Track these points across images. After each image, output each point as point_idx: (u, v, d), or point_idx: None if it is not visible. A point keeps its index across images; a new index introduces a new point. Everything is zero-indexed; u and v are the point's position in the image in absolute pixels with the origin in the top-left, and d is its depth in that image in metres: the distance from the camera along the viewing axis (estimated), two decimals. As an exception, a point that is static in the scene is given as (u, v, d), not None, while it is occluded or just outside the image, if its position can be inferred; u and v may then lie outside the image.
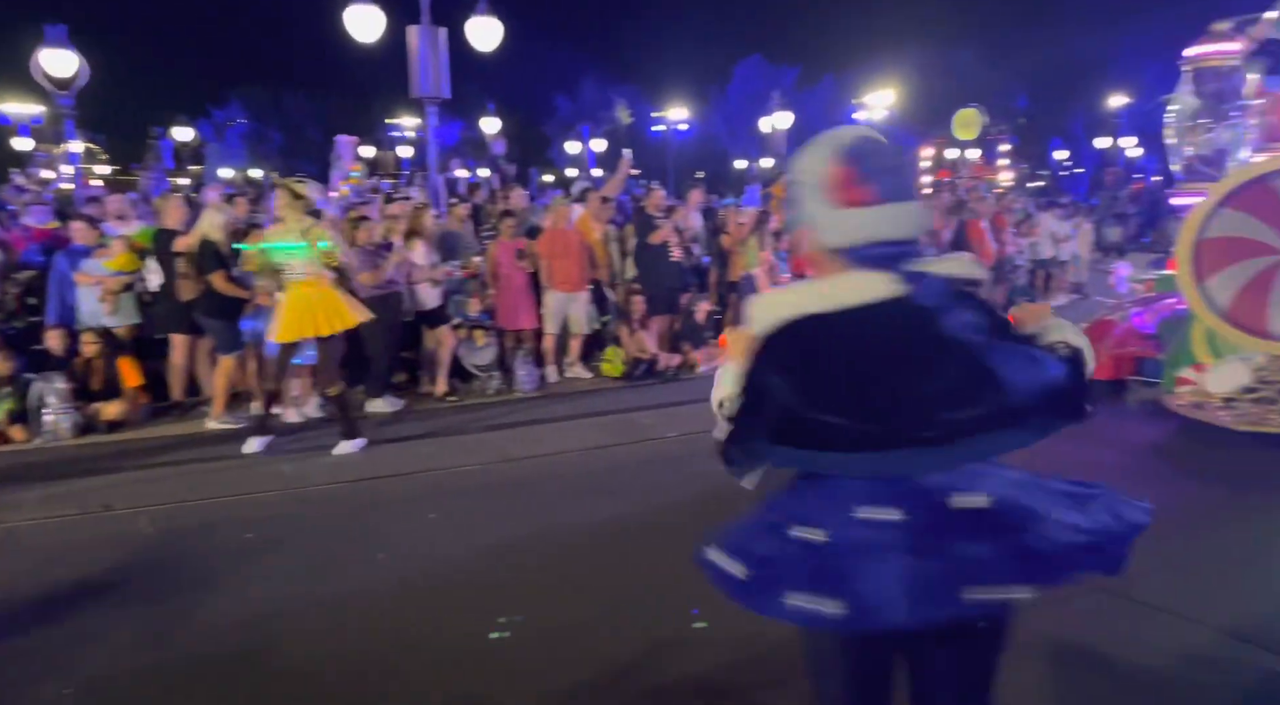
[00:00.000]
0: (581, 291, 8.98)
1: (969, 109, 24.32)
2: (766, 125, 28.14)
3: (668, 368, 9.26)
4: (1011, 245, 13.29)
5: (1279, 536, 4.51)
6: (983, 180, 17.80)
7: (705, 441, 6.98)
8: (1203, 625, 3.54)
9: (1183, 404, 6.54)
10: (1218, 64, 7.95)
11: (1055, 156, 47.17)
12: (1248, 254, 6.21)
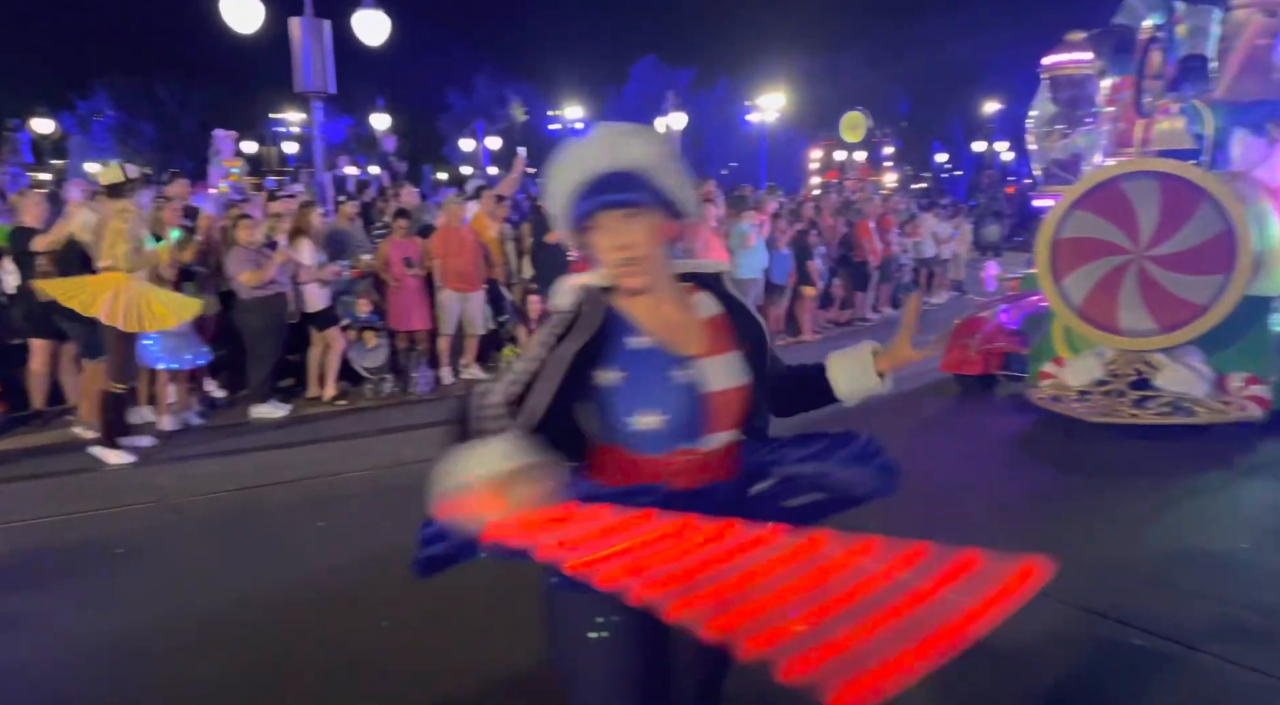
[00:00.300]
0: (477, 291, 8.83)
1: (854, 112, 25.15)
2: (662, 126, 28.37)
3: (566, 367, 9.21)
4: (897, 245, 13.79)
5: (1127, 519, 4.80)
6: (869, 182, 18.41)
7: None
8: (1063, 602, 3.73)
9: (1043, 397, 6.73)
10: (1072, 72, 8.26)
11: (936, 159, 49.26)
12: (1099, 254, 6.44)
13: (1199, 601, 3.71)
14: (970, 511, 5.02)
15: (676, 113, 26.88)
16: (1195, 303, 6.11)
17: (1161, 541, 4.45)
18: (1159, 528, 4.66)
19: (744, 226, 10.48)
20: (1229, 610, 3.62)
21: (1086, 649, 3.42)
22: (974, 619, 1.34)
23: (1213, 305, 6.02)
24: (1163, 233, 6.20)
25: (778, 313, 11.55)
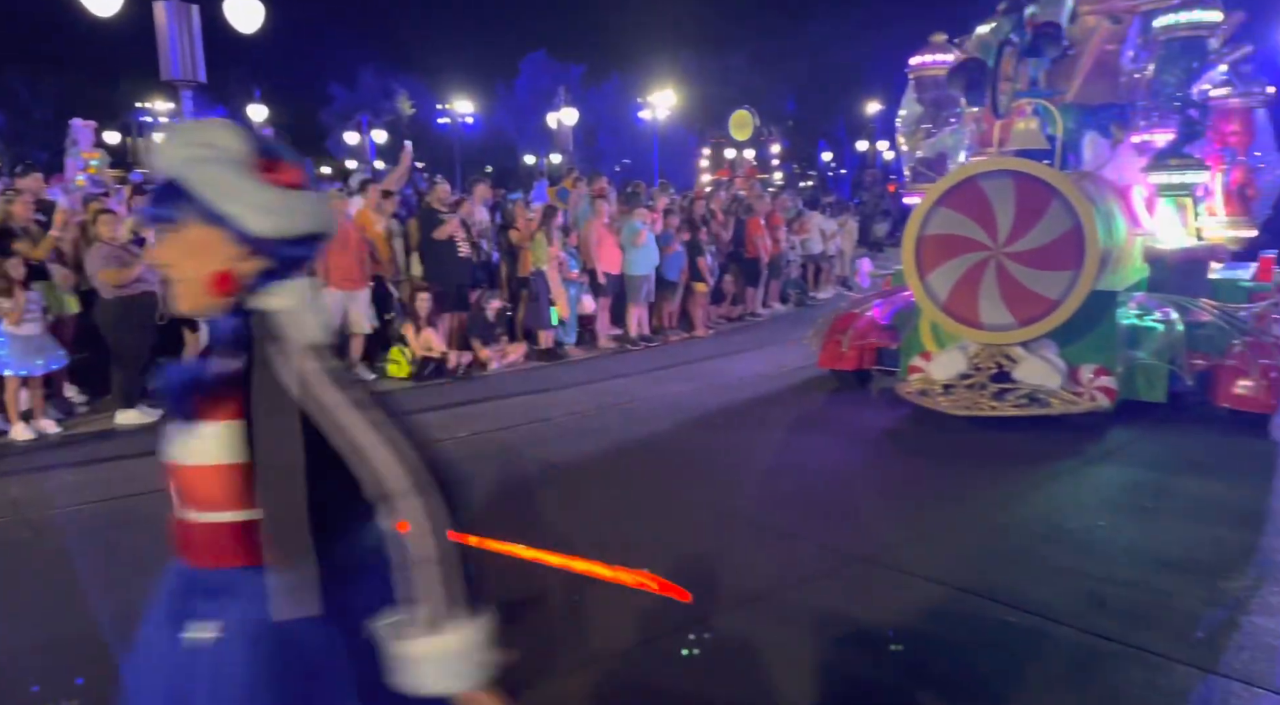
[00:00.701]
0: (361, 289, 8.56)
1: (742, 111, 25.60)
2: (553, 121, 28.21)
3: (458, 366, 9.03)
4: (785, 242, 14.11)
5: (992, 504, 5.03)
6: (757, 179, 18.77)
7: (498, 440, 6.97)
8: (937, 582, 3.90)
9: (910, 391, 6.84)
10: (936, 73, 8.45)
11: (822, 158, 50.71)
12: (961, 250, 6.56)
13: (1062, 577, 3.93)
14: (844, 501, 5.17)
15: (568, 108, 26.78)
16: (1049, 297, 6.28)
17: (1025, 523, 4.68)
18: (1022, 511, 4.90)
19: (636, 224, 10.52)
20: (1088, 584, 3.85)
21: (960, 625, 3.57)
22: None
23: (1064, 300, 6.21)
24: (1018, 230, 6.36)
25: (671, 309, 11.65)
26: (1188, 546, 4.24)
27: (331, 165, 40.91)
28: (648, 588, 2.20)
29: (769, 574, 4.05)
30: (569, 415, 7.35)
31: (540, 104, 45.17)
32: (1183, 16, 7.08)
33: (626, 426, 6.94)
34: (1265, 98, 8.00)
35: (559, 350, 10.11)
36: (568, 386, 8.57)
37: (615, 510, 5.04)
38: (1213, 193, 8.13)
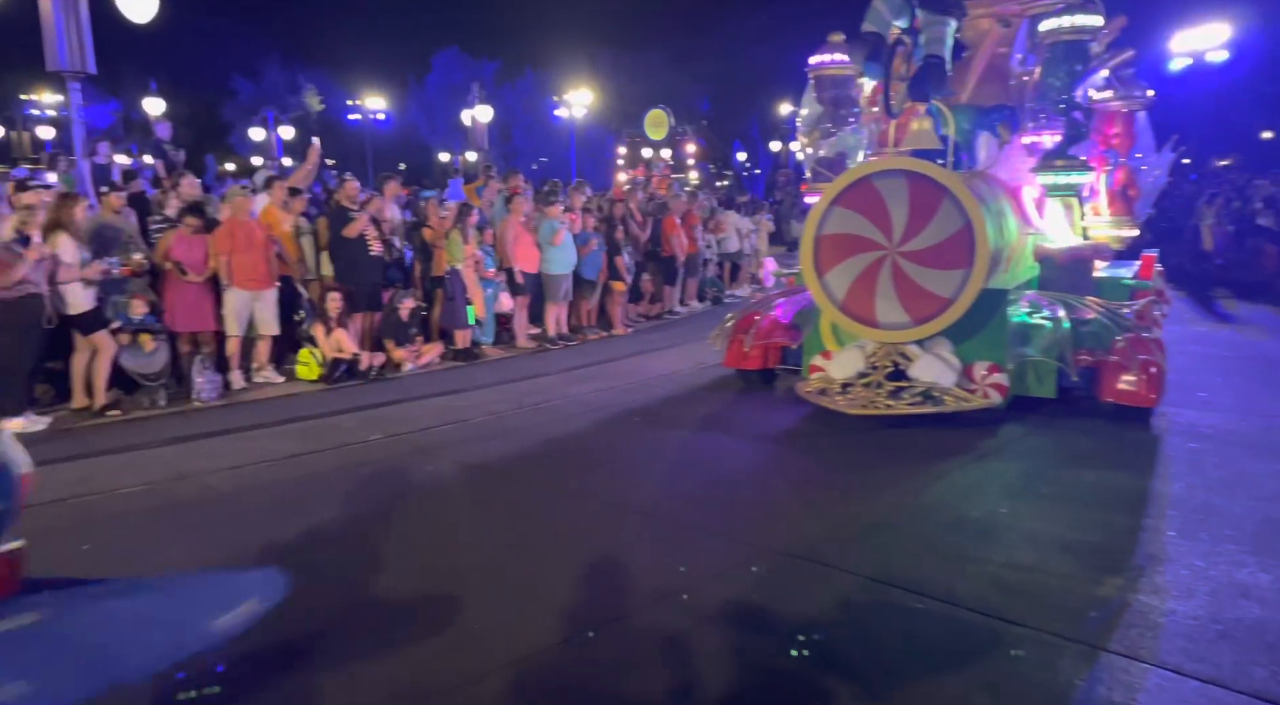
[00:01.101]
0: (268, 289, 8.28)
1: (658, 110, 25.69)
2: (468, 118, 27.78)
3: (370, 367, 8.83)
4: (702, 240, 14.24)
5: (896, 497, 5.17)
6: (673, 178, 18.90)
7: (413, 442, 6.84)
8: (849, 573, 4.00)
9: (810, 391, 6.82)
10: (834, 73, 8.44)
11: (738, 158, 51.33)
12: (857, 249, 6.56)
13: (967, 564, 4.07)
14: (755, 498, 5.24)
15: (483, 105, 26.40)
16: (942, 296, 6.32)
17: (929, 514, 4.82)
18: (926, 502, 5.03)
19: (554, 222, 10.46)
20: (990, 570, 4.00)
21: (871, 614, 3.66)
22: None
23: (957, 298, 6.25)
24: (912, 229, 6.39)
25: (589, 308, 11.63)
26: (1082, 531, 4.43)
27: (236, 162, 39.49)
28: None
29: (685, 570, 4.07)
30: (486, 416, 7.26)
31: (454, 101, 44.50)
32: (1065, 20, 7.20)
33: (544, 426, 6.90)
34: (1145, 101, 8.29)
35: (476, 350, 9.98)
36: (485, 386, 8.47)
37: (531, 510, 5.01)
38: (1098, 193, 8.38)
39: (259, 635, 3.52)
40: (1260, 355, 9.11)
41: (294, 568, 4.20)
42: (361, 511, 5.03)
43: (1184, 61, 28.38)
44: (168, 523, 4.96)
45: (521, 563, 4.27)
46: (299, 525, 4.79)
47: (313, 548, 4.50)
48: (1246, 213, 16.15)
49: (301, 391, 8.32)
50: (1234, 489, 5.03)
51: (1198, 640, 3.31)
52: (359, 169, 41.63)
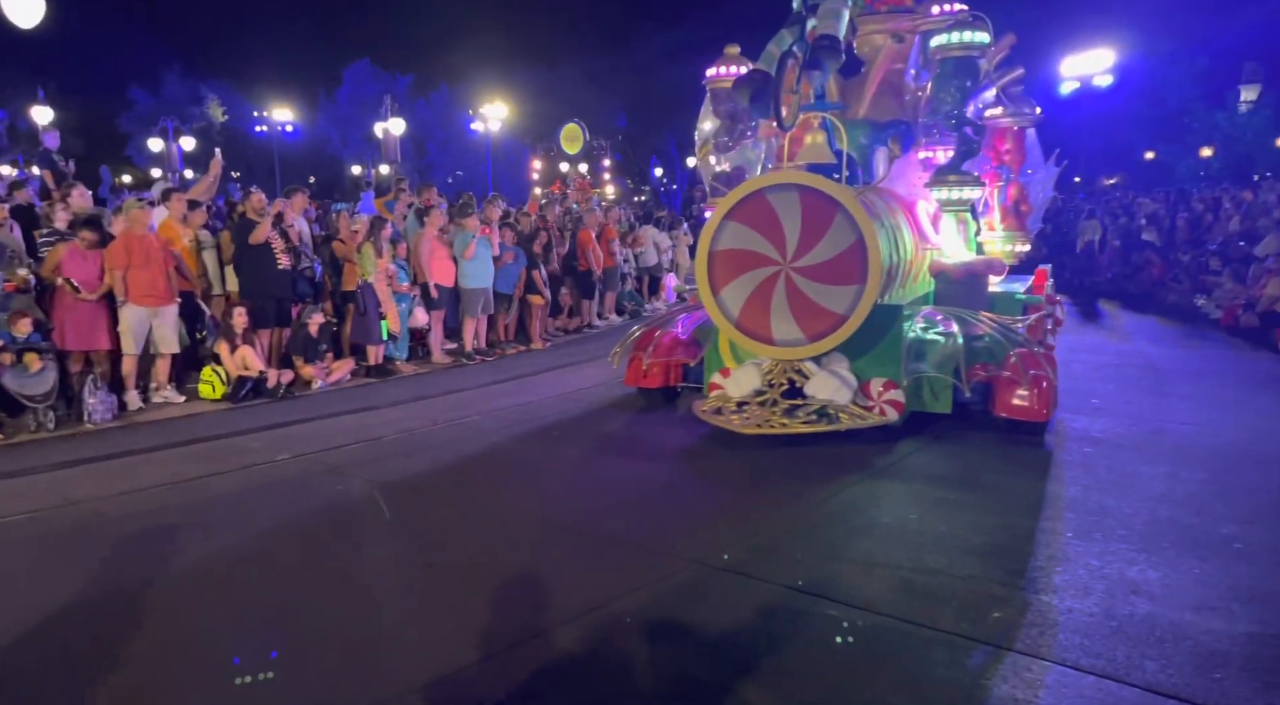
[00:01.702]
0: (168, 305, 7.95)
1: (572, 124, 25.73)
2: (380, 131, 27.31)
3: (278, 385, 8.55)
4: (619, 254, 14.29)
5: (809, 510, 5.29)
6: (589, 193, 18.93)
7: (324, 462, 6.63)
8: (767, 582, 4.05)
9: (706, 410, 6.63)
10: (729, 85, 8.09)
11: (655, 173, 51.79)
12: (751, 265, 6.43)
13: (876, 569, 4.17)
14: (663, 514, 5.22)
15: (395, 118, 26.00)
16: (836, 312, 6.22)
17: (837, 522, 4.93)
18: (836, 512, 5.16)
19: (468, 235, 10.35)
20: (901, 575, 4.10)
21: (788, 622, 3.70)
22: None
23: (851, 315, 6.17)
24: (805, 244, 6.29)
25: (507, 322, 11.53)
26: (985, 534, 4.59)
27: (133, 173, 37.86)
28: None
29: (603, 583, 4.06)
30: (400, 433, 7.11)
31: (366, 113, 43.70)
32: (954, 37, 7.25)
33: (460, 442, 6.79)
34: (1034, 118, 8.36)
35: (389, 366, 9.78)
36: (399, 403, 8.30)
37: (447, 528, 4.92)
38: (991, 208, 8.44)
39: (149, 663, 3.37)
40: (1146, 363, 9.62)
41: (191, 595, 4.03)
42: (267, 534, 4.85)
43: (1073, 85, 29.94)
44: (53, 553, 4.69)
45: (438, 581, 4.19)
46: (199, 551, 4.59)
47: (213, 573, 4.31)
48: (1132, 229, 17.09)
49: (204, 411, 8.00)
50: (1124, 491, 5.28)
51: (1093, 636, 3.46)
52: (266, 182, 40.46)
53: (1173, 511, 4.90)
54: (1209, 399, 7.79)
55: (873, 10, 8.57)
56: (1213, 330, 11.92)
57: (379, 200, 12.51)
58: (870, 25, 8.51)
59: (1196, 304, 13.41)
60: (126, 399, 7.80)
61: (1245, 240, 13.50)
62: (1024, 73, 8.11)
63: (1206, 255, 14.20)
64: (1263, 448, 6.19)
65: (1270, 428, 6.80)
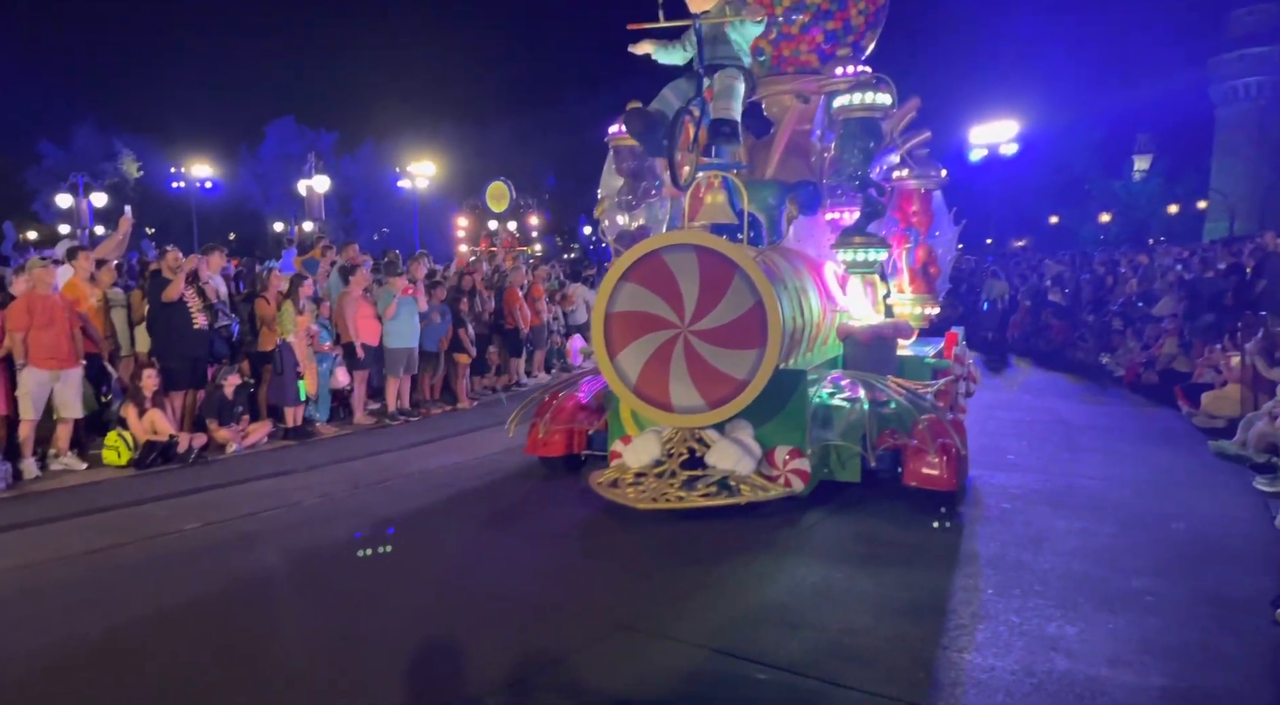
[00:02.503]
0: (71, 368, 7.60)
1: (498, 182, 25.84)
2: (304, 187, 27.00)
3: (190, 450, 8.20)
4: (547, 312, 14.28)
5: (731, 576, 5.25)
6: (516, 251, 18.98)
7: (236, 530, 6.33)
8: (700, 647, 4.00)
9: (602, 482, 6.29)
10: (632, 143, 7.69)
11: (584, 231, 52.29)
12: (649, 328, 6.16)
13: (800, 631, 4.16)
14: (593, 577, 5.15)
15: (320, 175, 25.78)
16: (736, 377, 5.96)
17: (750, 590, 4.86)
18: (745, 579, 5.10)
19: (391, 294, 10.22)
20: (824, 636, 4.10)
21: (714, 686, 3.65)
22: None
23: (751, 380, 5.92)
24: (703, 306, 6.05)
25: (433, 381, 11.35)
26: (909, 592, 4.64)
27: (40, 230, 36.55)
28: None
29: (524, 653, 3.95)
30: (319, 498, 6.88)
31: (289, 170, 43.27)
32: (856, 98, 7.17)
33: (380, 507, 6.59)
34: (940, 181, 8.34)
35: (309, 428, 9.49)
36: (317, 467, 8.04)
37: (364, 598, 4.73)
38: (900, 270, 8.36)
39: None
40: (1057, 419, 9.98)
41: (83, 680, 3.77)
42: (170, 610, 4.59)
43: (981, 152, 31.44)
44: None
45: (353, 654, 4.02)
46: (94, 628, 4.32)
47: (107, 655, 4.06)
48: (1041, 289, 17.87)
49: (107, 479, 7.61)
50: (1040, 546, 5.42)
51: (1015, 694, 3.50)
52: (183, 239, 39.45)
53: (1087, 566, 5.04)
54: (1116, 454, 8.10)
55: (780, 71, 8.68)
56: (1117, 387, 12.46)
57: (299, 258, 12.29)
58: (777, 86, 8.62)
59: (1101, 362, 14.01)
60: (22, 467, 7.37)
61: (1143, 301, 14.23)
62: (930, 136, 8.30)
63: (1109, 315, 14.92)
64: (1167, 501, 6.44)
65: (1172, 481, 7.10)
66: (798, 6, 8.27)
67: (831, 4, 8.22)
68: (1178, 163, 48.69)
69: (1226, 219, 42.40)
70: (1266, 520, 5.88)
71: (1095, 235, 49.53)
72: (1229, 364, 9.39)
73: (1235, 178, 48.17)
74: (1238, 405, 8.80)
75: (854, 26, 8.37)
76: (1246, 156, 48.57)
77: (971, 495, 6.61)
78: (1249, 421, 7.90)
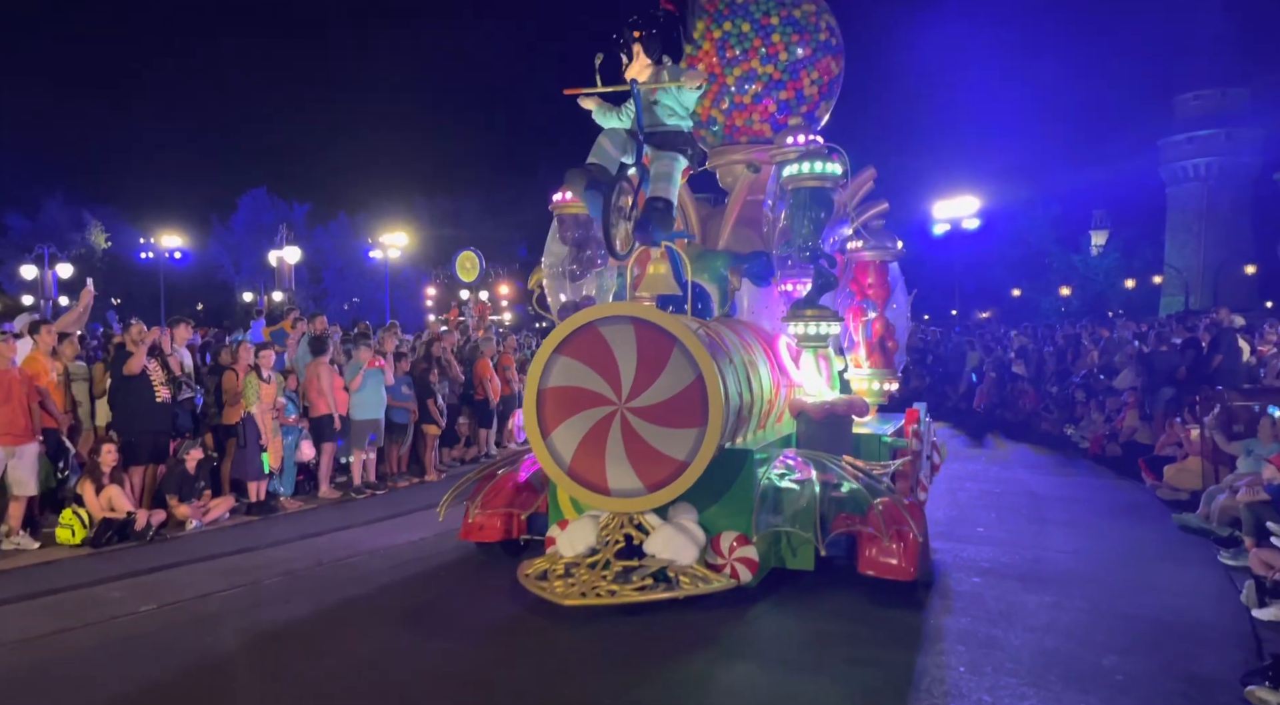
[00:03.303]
0: (28, 444, 7.42)
1: (468, 252, 26.02)
2: (274, 258, 27.03)
3: (148, 527, 7.98)
4: (518, 382, 14.23)
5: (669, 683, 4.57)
6: (487, 320, 19.00)
7: (193, 611, 6.11)
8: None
9: (530, 574, 5.75)
10: (576, 211, 7.44)
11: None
12: (584, 404, 5.75)
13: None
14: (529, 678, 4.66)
15: (291, 246, 25.85)
16: (676, 458, 5.54)
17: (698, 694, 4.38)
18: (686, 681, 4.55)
19: (357, 365, 10.16)
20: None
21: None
22: None
23: (692, 461, 5.49)
24: (641, 382, 5.66)
25: (400, 453, 11.22)
26: (884, 671, 4.59)
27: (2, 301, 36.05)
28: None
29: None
30: (281, 576, 6.70)
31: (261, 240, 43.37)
32: (805, 167, 6.88)
33: (344, 585, 6.44)
34: (896, 253, 8.14)
35: (272, 503, 9.30)
36: (281, 543, 7.86)
37: (327, 685, 4.59)
38: (857, 344, 8.05)
39: None
40: (1025, 490, 10.05)
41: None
42: (120, 699, 4.41)
43: (944, 227, 32.28)
44: None
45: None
46: (42, 721, 4.14)
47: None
48: (1006, 360, 18.16)
49: (61, 558, 7.36)
50: (1011, 621, 5.41)
51: (990, 778, 3.44)
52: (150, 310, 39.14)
53: (1058, 642, 5.03)
54: (1084, 526, 8.16)
55: (733, 141, 8.48)
56: (1082, 458, 12.61)
57: (268, 328, 12.22)
58: (731, 155, 8.42)
59: (1067, 433, 14.20)
60: (-29, 545, 7.14)
61: (1105, 374, 14.50)
62: (888, 207, 8.13)
63: (1072, 387, 15.17)
64: (1134, 576, 6.48)
65: (1139, 555, 7.15)
66: (749, 76, 8.12)
67: (783, 74, 8.09)
68: (1133, 238, 50.34)
69: (1182, 293, 43.68)
70: (1233, 594, 5.92)
71: (1056, 307, 50.76)
72: (1189, 437, 9.56)
73: (1188, 254, 49.88)
74: (1199, 478, 8.95)
75: (807, 96, 8.20)
76: (1198, 233, 50.38)
77: (941, 568, 6.60)
78: (1211, 495, 8.02)
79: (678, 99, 6.32)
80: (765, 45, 8.05)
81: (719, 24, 8.13)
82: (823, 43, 8.16)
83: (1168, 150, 51.99)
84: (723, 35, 8.12)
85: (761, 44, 8.05)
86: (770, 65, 8.07)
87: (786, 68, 8.08)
